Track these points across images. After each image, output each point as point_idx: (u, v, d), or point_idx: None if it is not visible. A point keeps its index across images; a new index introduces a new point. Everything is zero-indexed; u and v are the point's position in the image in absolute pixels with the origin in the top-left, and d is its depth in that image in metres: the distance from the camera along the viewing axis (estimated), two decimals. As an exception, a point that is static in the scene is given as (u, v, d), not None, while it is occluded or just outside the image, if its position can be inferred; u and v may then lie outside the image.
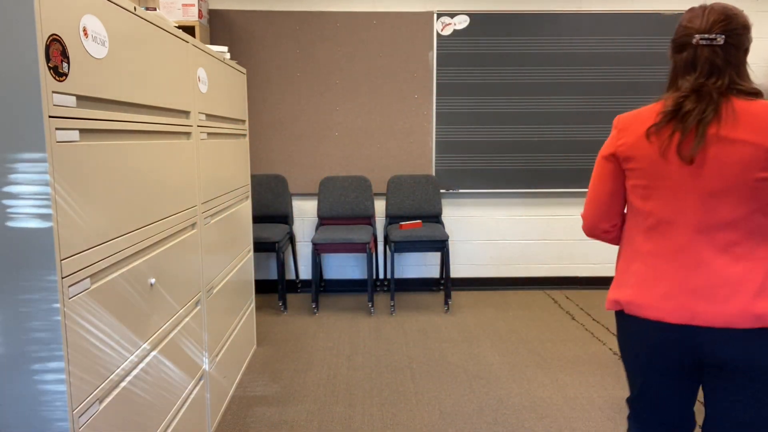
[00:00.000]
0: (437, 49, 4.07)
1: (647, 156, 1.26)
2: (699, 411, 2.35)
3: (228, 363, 2.55)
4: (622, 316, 1.36)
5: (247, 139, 3.00)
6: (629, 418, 1.47)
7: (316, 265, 3.84)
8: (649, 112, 1.29)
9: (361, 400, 2.57)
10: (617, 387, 2.68)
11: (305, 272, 4.36)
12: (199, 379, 2.11)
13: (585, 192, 4.29)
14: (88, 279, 1.29)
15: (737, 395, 1.25)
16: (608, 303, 1.38)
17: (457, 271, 4.40)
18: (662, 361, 1.31)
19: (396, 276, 4.38)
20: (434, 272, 4.39)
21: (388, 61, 4.09)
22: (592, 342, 3.26)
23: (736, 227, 1.20)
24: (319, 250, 3.78)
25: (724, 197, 1.19)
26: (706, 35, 1.21)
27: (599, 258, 4.40)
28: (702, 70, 1.22)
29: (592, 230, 1.43)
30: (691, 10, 1.26)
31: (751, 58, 4.18)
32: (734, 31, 1.20)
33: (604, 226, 1.39)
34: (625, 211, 1.40)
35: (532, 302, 4.05)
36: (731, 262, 1.20)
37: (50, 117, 1.13)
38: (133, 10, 1.51)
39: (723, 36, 1.20)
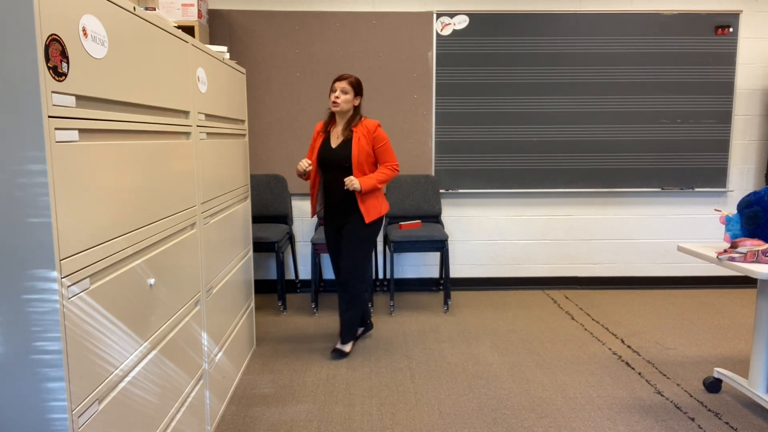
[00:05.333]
0: (437, 49, 4.07)
1: None
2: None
3: (227, 363, 2.55)
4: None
5: (246, 139, 3.00)
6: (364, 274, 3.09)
7: (316, 265, 3.83)
8: None
9: (360, 400, 2.57)
10: (617, 387, 2.68)
11: (304, 272, 4.36)
12: (199, 379, 2.12)
13: (584, 192, 4.29)
14: (88, 279, 1.29)
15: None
16: (381, 213, 3.01)
17: (456, 271, 4.40)
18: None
19: (395, 276, 4.38)
20: (434, 272, 4.40)
21: (388, 61, 4.09)
22: (591, 342, 3.26)
23: None
24: (318, 250, 3.78)
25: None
26: None
27: (599, 258, 4.41)
28: None
29: None
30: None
31: (751, 58, 4.18)
32: None
33: None
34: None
35: (531, 302, 4.05)
36: None
37: (49, 117, 1.13)
38: (132, 10, 1.51)
39: None
